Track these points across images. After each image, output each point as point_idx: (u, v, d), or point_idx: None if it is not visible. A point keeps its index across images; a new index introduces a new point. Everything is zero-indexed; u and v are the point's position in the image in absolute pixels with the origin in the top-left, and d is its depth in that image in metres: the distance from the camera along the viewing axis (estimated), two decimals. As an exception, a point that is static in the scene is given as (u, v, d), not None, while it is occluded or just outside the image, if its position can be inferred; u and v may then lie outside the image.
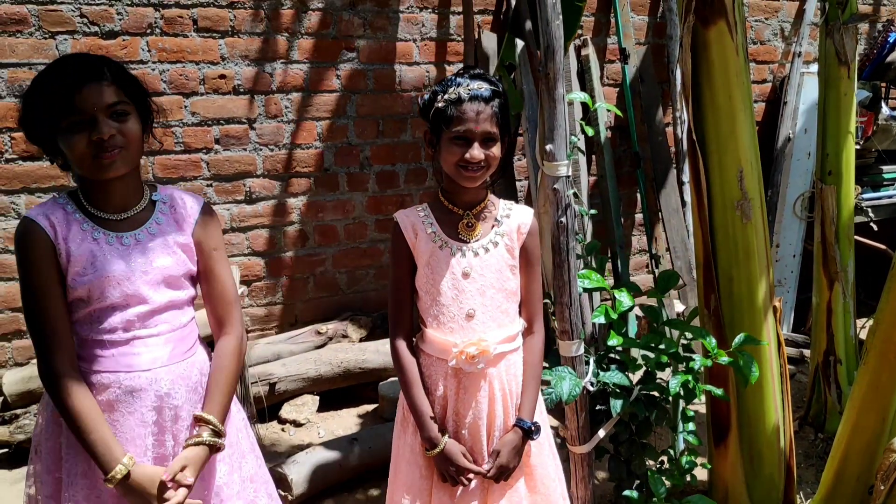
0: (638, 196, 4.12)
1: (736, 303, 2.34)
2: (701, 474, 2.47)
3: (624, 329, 2.26)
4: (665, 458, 2.38)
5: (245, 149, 3.36)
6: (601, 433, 2.22)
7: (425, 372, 1.71)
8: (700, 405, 2.93)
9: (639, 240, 4.31)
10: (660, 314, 2.29)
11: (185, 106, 3.22)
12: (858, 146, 3.80)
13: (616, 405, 2.17)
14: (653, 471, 2.30)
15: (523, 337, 1.76)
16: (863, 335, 2.41)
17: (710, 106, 2.26)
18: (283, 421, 3.20)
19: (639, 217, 4.22)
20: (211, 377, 1.58)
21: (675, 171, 3.92)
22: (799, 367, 3.68)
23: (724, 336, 2.30)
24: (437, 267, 1.67)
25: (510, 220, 1.72)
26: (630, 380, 2.21)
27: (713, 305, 2.36)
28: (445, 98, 1.60)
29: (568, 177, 2.03)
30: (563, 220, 2.04)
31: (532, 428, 1.69)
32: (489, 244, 1.69)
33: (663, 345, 2.23)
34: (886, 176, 4.17)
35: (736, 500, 2.46)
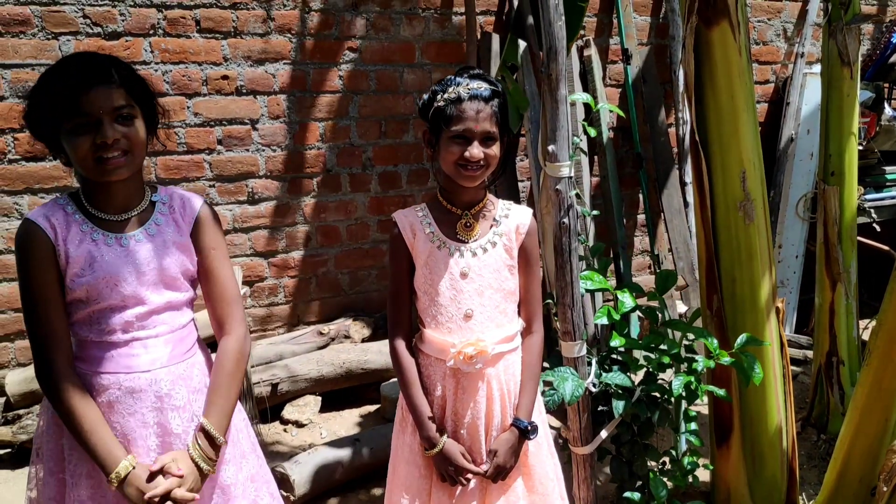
0: (640, 197, 4.11)
1: (738, 303, 2.33)
2: (703, 475, 2.47)
3: (626, 330, 2.26)
4: (667, 459, 2.38)
5: (247, 149, 3.36)
6: (603, 434, 2.22)
7: (424, 372, 1.71)
8: (702, 406, 2.92)
9: (641, 240, 4.31)
10: (658, 315, 2.28)
11: (188, 107, 3.22)
12: (861, 147, 3.79)
13: (618, 406, 2.17)
14: (655, 472, 2.29)
15: (522, 337, 1.76)
16: (865, 336, 2.40)
17: (713, 106, 2.26)
18: (286, 421, 3.20)
19: (641, 218, 4.22)
20: (212, 379, 1.57)
21: (678, 172, 3.92)
22: (802, 368, 3.68)
23: (727, 337, 2.29)
24: (436, 267, 1.67)
25: (509, 220, 1.71)
26: (632, 381, 2.21)
27: (716, 306, 2.35)
28: (445, 97, 1.60)
29: (570, 177, 2.03)
30: (566, 221, 2.04)
31: (529, 428, 1.69)
32: (487, 244, 1.69)
33: (665, 346, 2.23)
34: (889, 177, 4.17)
35: (738, 502, 2.45)
